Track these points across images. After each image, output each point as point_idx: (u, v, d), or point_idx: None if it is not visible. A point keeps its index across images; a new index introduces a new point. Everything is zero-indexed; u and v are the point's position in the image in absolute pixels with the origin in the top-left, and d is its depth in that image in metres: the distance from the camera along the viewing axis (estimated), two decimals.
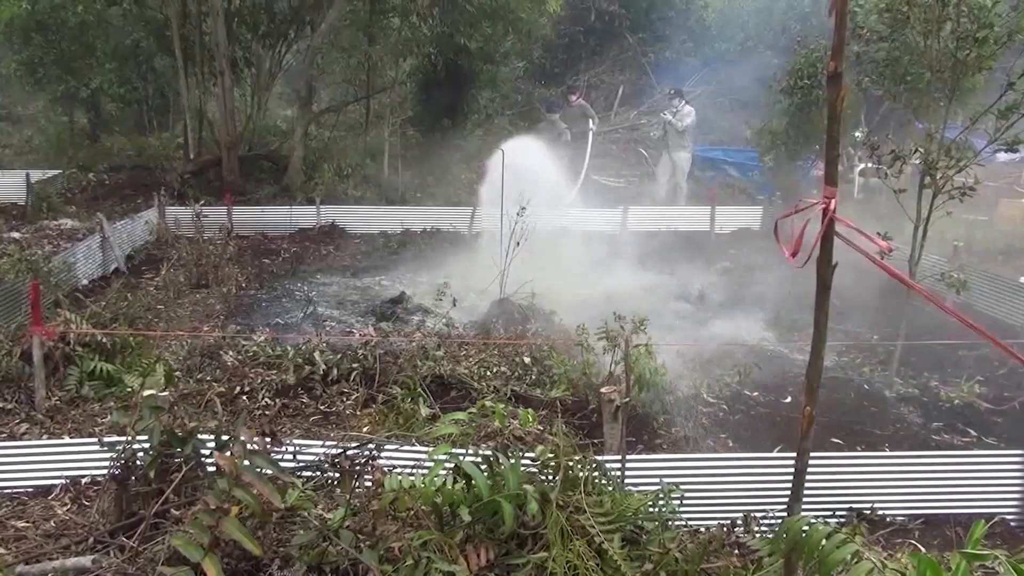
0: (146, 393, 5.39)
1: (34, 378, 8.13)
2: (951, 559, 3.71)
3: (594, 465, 5.17)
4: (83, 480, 6.44)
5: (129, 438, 5.12)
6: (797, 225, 4.38)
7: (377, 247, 17.01)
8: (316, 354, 8.84)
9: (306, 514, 4.75)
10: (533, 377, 9.12)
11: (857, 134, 18.23)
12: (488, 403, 5.41)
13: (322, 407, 8.28)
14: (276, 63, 23.31)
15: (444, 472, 4.74)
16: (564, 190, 16.85)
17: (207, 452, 5.06)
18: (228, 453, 4.34)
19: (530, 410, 6.41)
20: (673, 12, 30.21)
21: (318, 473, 5.40)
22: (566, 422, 7.82)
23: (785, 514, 4.41)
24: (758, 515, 6.01)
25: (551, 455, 5.05)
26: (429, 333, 9.69)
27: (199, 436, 5.08)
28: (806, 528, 3.94)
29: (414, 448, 6.06)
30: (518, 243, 11.60)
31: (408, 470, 4.91)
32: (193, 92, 21.61)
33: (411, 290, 13.18)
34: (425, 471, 4.75)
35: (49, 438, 7.44)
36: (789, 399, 9.18)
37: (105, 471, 5.39)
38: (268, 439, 4.49)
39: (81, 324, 8.91)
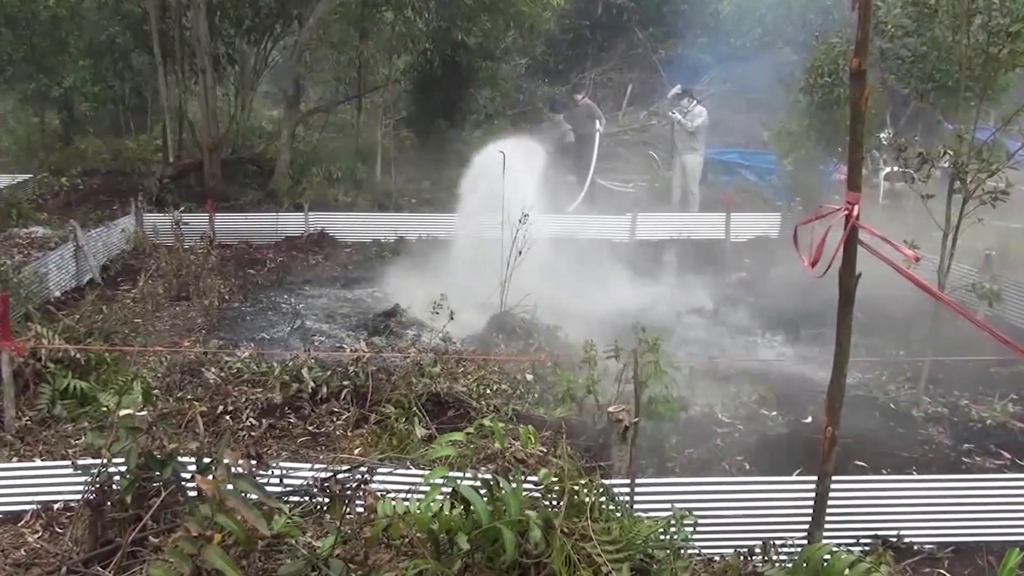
0: (123, 413, 5.41)
1: (3, 397, 8.13)
2: None
3: (601, 489, 5.18)
4: (55, 506, 6.44)
5: (105, 461, 5.13)
6: (818, 233, 4.38)
7: (369, 256, 17.03)
8: (304, 371, 8.84)
9: (294, 542, 4.76)
10: (536, 396, 9.12)
11: (882, 136, 18.27)
12: (487, 423, 5.41)
13: (311, 427, 8.28)
14: (261, 60, 23.39)
15: (441, 497, 4.74)
16: (548, 197, 16.85)
17: (188, 476, 5.06)
18: (210, 477, 4.35)
19: (532, 428, 6.42)
20: (686, 6, 30.28)
21: (306, 498, 5.40)
22: (571, 443, 7.81)
23: (805, 542, 4.42)
24: (776, 543, 6.01)
25: (555, 479, 5.06)
26: (425, 348, 9.69)
27: (179, 459, 5.09)
28: (827, 557, 3.95)
29: (409, 471, 6.07)
30: (520, 252, 11.62)
31: (402, 495, 4.92)
32: (173, 91, 21.67)
33: (405, 302, 13.19)
34: (421, 496, 4.75)
35: (19, 461, 7.44)
36: (810, 419, 9.17)
37: (79, 496, 5.40)
38: (253, 462, 4.50)
39: (53, 339, 8.92)
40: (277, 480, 5.62)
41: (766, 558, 5.82)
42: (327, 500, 5.10)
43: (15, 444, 7.81)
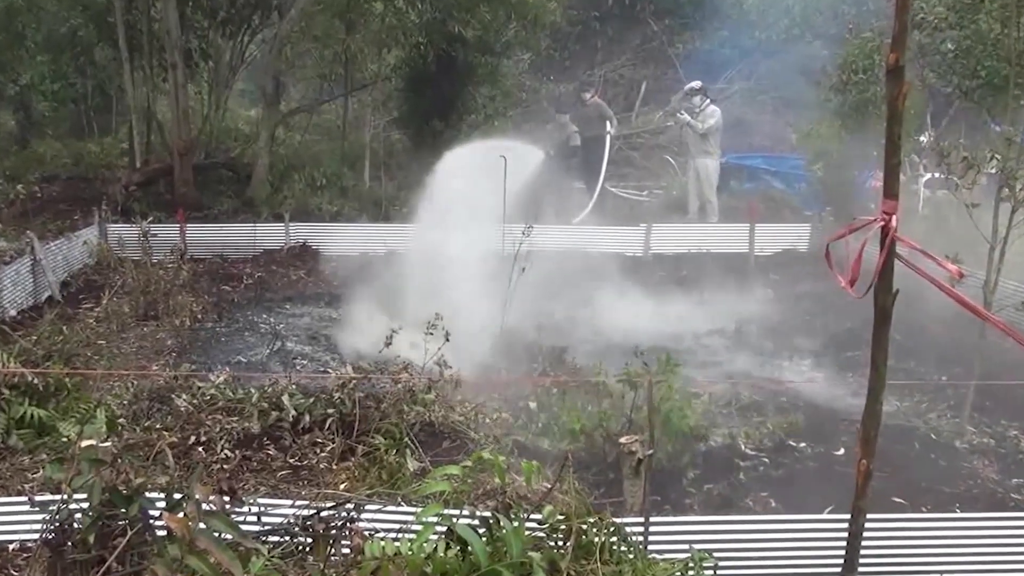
0: (85, 443, 5.41)
1: None
2: None
3: (612, 528, 5.19)
4: (11, 546, 6.45)
5: (65, 497, 5.13)
6: (852, 246, 4.38)
7: (357, 271, 17.02)
8: (285, 398, 8.85)
9: None
10: (540, 425, 9.13)
11: (922, 138, 18.27)
12: (487, 455, 5.41)
13: (292, 460, 8.28)
14: (238, 55, 23.46)
15: (435, 537, 4.75)
16: (550, 206, 16.86)
17: (156, 513, 5.07)
18: (181, 515, 4.35)
19: (536, 463, 6.42)
20: None
21: (287, 538, 5.41)
22: (579, 478, 7.82)
23: None
24: None
25: (561, 516, 5.06)
26: (418, 373, 9.70)
27: (147, 494, 5.09)
28: None
29: (400, 508, 6.07)
30: (523, 268, 11.63)
31: (393, 534, 4.92)
32: (140, 89, 21.72)
33: (396, 322, 13.22)
34: (413, 535, 4.76)
35: None
36: (842, 451, 9.18)
37: (37, 535, 5.40)
38: (227, 498, 4.50)
39: (9, 362, 8.93)
40: (254, 518, 5.62)
41: None
42: (310, 540, 5.11)
43: None
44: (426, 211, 14.62)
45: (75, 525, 5.14)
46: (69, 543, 5.15)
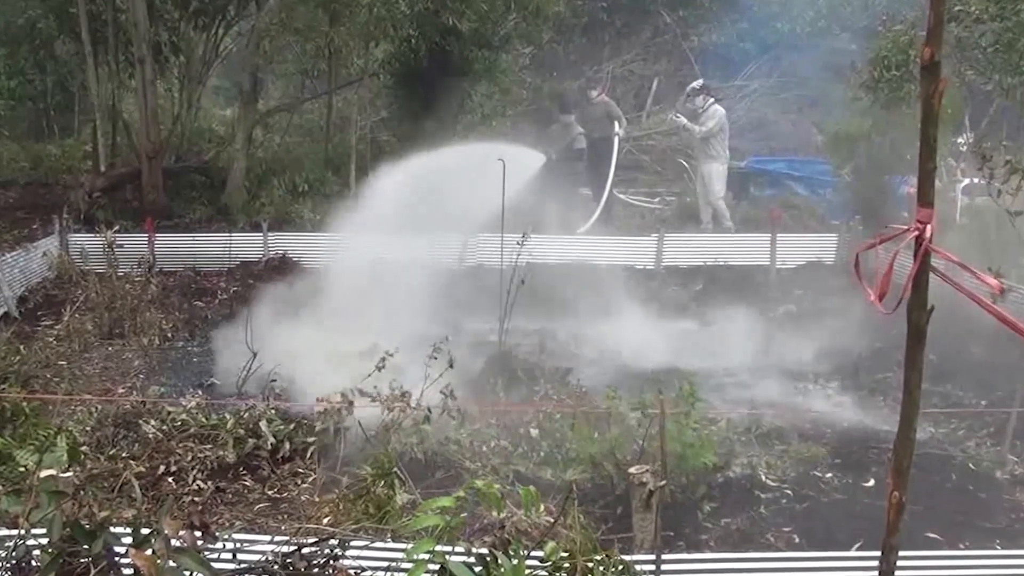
0: (44, 474, 5.41)
1: None
2: None
3: (621, 567, 5.18)
4: None
5: (22, 532, 5.13)
6: (883, 258, 4.39)
7: (341, 285, 17.01)
8: (263, 424, 8.87)
9: None
10: (542, 454, 9.14)
11: (960, 140, 18.30)
12: (483, 486, 5.40)
13: (270, 491, 8.30)
14: (212, 49, 23.45)
15: (427, 575, 4.75)
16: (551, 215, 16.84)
17: (122, 550, 5.07)
18: (148, 551, 4.35)
19: (533, 488, 6.42)
20: None
21: None
22: (585, 511, 7.83)
23: None
24: None
25: (565, 554, 5.06)
26: (409, 397, 9.68)
27: (112, 529, 5.09)
28: None
29: (388, 544, 6.07)
30: (522, 281, 11.64)
31: (381, 572, 4.92)
32: (105, 86, 21.74)
33: (385, 341, 13.21)
34: (402, 573, 4.76)
35: None
36: (872, 482, 9.18)
37: None
38: (200, 533, 4.50)
39: None
40: (229, 555, 5.61)
41: None
42: None
43: None
44: (413, 219, 14.61)
45: (33, 563, 5.14)
46: None
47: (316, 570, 4.89)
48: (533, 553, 5.19)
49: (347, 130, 23.06)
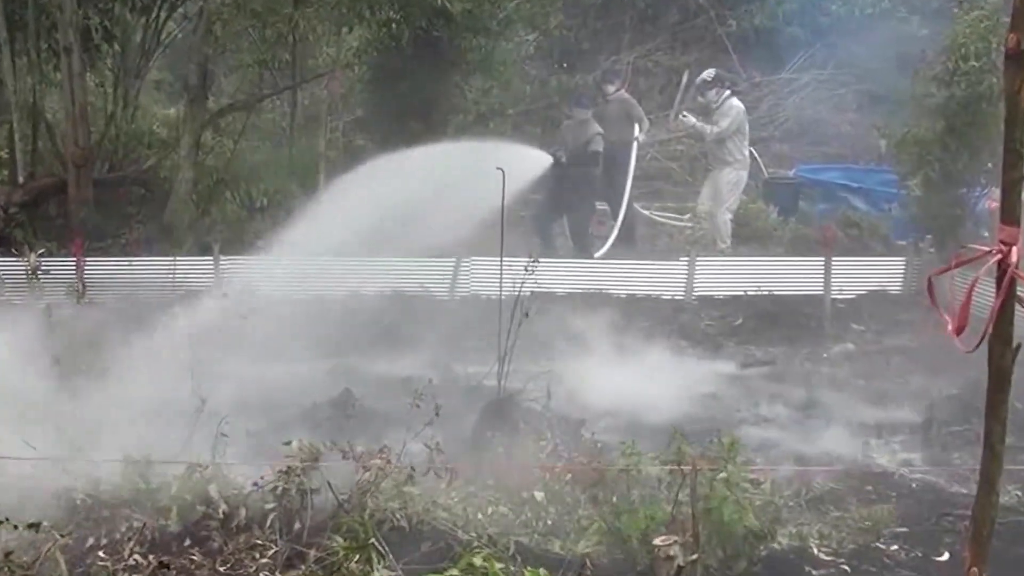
0: None
1: None
2: None
3: None
4: None
5: None
6: (959, 286, 4.38)
7: (309, 320, 17.00)
8: (212, 487, 8.87)
9: None
10: (549, 522, 9.14)
11: None
12: (479, 561, 5.43)
13: (222, 568, 8.30)
14: (152, 36, 23.48)
15: None
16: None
17: None
18: None
19: (543, 571, 6.46)
20: None
21: None
22: None
23: None
24: None
25: None
26: (388, 453, 9.69)
27: None
28: None
29: None
30: (526, 314, 11.65)
31: None
32: (23, 80, 21.74)
33: (361, 387, 13.22)
34: None
35: None
36: (946, 555, 9.19)
37: None
38: None
39: None
40: None
41: None
42: None
43: None
44: (390, 238, 14.64)
45: None
46: None
47: None
48: None
49: (315, 133, 23.07)
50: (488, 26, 23.01)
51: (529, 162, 15.58)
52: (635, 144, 21.51)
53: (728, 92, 20.79)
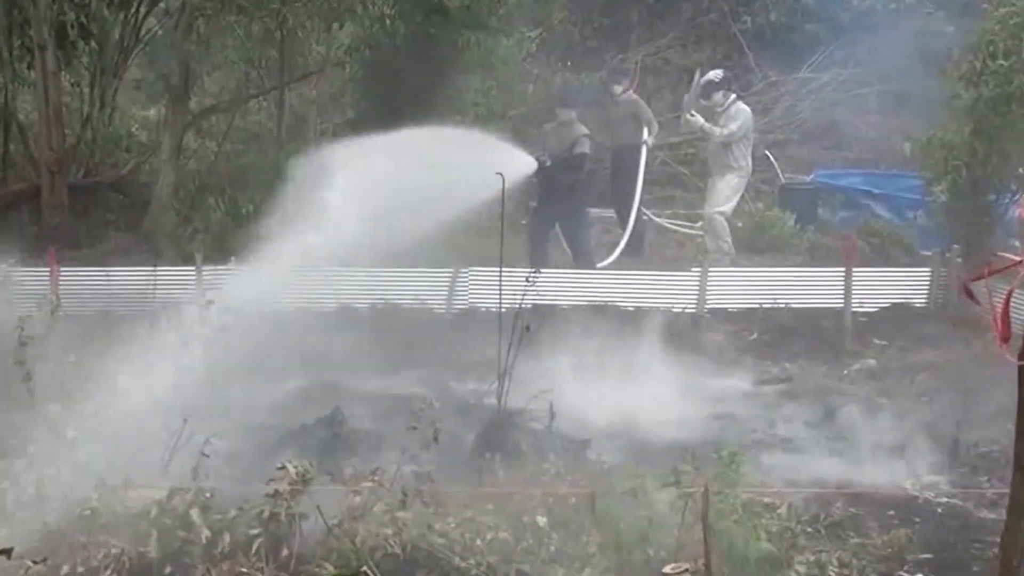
0: None
1: None
2: None
3: None
4: None
5: None
6: (995, 294, 4.37)
7: (296, 333, 17.01)
8: (194, 512, 8.89)
9: None
10: (552, 548, 9.16)
11: None
12: None
13: None
14: (131, 33, 23.50)
15: None
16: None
17: None
18: None
19: None
20: None
21: None
22: None
23: None
24: None
25: None
26: (381, 476, 9.71)
27: None
28: None
29: None
30: (528, 329, 11.67)
31: None
32: None
33: (353, 406, 13.24)
34: None
35: None
36: None
37: None
38: None
39: None
40: None
41: None
42: None
43: None
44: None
45: None
46: None
47: None
48: None
49: (304, 135, 23.08)
50: (487, 22, 23.02)
51: (516, 164, 15.38)
52: (644, 149, 21.44)
53: (734, 95, 20.77)
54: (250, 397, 14.34)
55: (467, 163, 13.25)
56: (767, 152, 24.45)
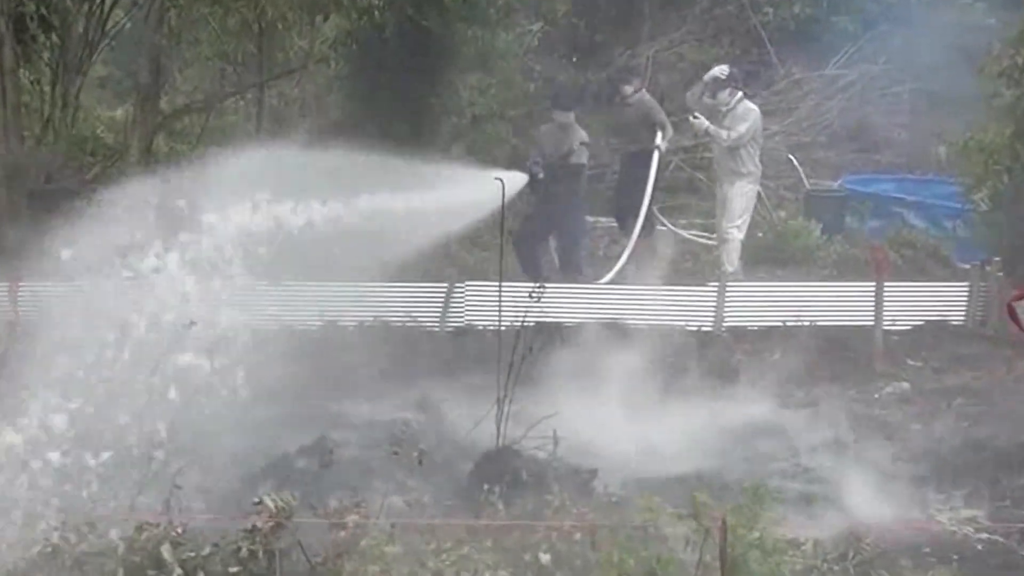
0: None
1: None
2: None
3: None
4: None
5: None
6: None
7: (278, 354, 17.02)
8: (165, 549, 8.91)
9: None
10: None
11: None
12: None
13: None
14: (97, 25, 23.51)
15: None
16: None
17: None
18: None
19: None
20: None
21: None
22: None
23: None
24: None
25: None
26: (367, 510, 9.73)
27: None
28: None
29: None
30: (529, 348, 11.70)
31: None
32: None
33: (339, 433, 13.27)
34: None
35: None
36: None
37: None
38: None
39: None
40: None
41: None
42: None
43: None
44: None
45: None
46: None
47: None
48: None
49: (285, 137, 23.08)
50: (485, 15, 22.91)
51: (487, 194, 15.19)
52: (656, 154, 21.25)
53: (740, 94, 20.67)
54: (231, 421, 14.37)
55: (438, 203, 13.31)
56: (791, 156, 24.45)
